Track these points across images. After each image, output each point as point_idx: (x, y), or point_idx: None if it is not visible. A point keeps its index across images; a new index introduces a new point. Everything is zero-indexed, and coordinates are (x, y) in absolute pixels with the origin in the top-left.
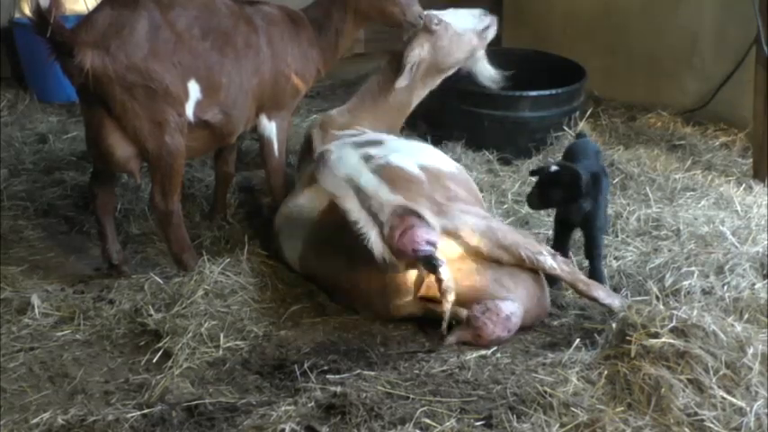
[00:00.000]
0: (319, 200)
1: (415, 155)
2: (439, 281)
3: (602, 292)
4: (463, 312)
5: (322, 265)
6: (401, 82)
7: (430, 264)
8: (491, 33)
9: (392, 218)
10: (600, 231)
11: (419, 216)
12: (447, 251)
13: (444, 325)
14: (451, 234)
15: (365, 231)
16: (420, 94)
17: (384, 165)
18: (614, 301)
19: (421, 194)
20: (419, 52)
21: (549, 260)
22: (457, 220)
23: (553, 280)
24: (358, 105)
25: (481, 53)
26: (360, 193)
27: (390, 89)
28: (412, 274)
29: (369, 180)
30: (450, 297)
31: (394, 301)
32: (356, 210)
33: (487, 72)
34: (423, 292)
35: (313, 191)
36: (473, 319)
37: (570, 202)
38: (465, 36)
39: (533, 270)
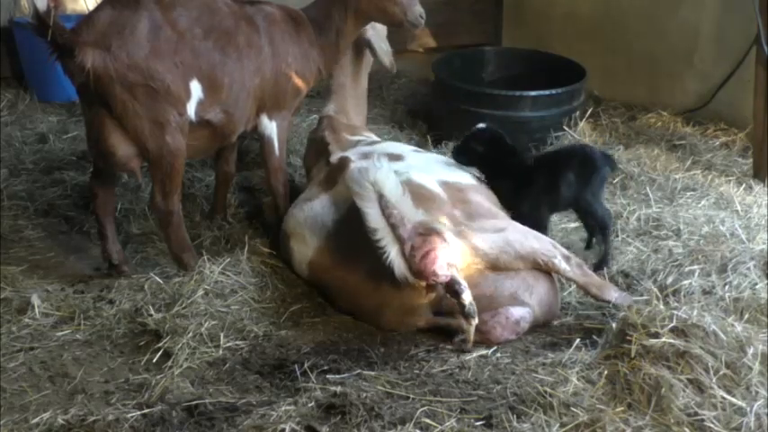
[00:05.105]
0: (337, 208)
1: (434, 171)
2: (461, 305)
3: (614, 294)
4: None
5: (334, 275)
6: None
7: (452, 290)
8: None
9: (414, 237)
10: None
11: (441, 237)
12: (465, 266)
13: (469, 346)
14: (471, 252)
15: (385, 245)
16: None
17: (404, 181)
18: (628, 301)
19: (442, 212)
20: (374, 33)
21: (564, 264)
22: (476, 240)
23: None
24: (342, 102)
25: (384, 32)
26: (382, 200)
27: (356, 77)
28: (429, 296)
29: (393, 190)
30: (474, 321)
31: (408, 319)
32: (377, 217)
33: (387, 48)
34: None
35: (330, 197)
36: (481, 324)
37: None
38: None
39: (549, 276)
